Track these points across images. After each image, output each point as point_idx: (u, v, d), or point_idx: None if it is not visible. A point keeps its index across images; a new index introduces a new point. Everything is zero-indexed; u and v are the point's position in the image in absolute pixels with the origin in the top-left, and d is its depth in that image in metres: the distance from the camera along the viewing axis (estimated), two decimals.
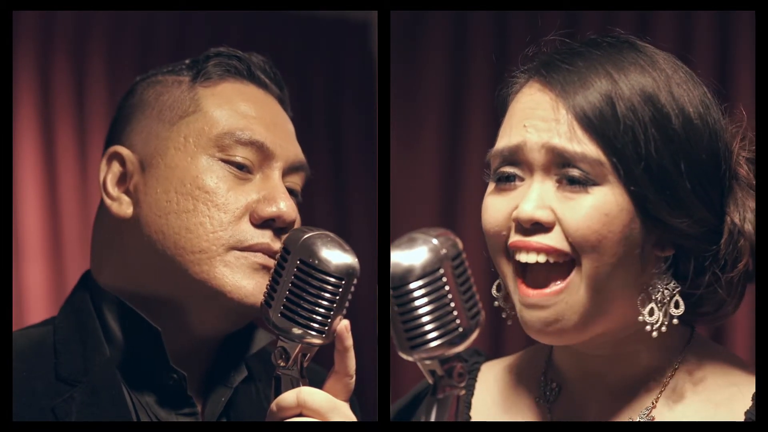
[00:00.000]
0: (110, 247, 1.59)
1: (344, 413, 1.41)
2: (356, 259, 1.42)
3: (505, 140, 1.47)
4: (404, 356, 1.29)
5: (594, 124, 1.41)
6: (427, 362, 1.29)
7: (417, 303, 1.27)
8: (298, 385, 1.42)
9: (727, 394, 1.47)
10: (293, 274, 1.40)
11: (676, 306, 1.45)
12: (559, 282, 1.43)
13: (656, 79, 1.43)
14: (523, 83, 1.49)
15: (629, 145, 1.40)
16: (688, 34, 3.08)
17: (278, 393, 1.42)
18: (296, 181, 1.61)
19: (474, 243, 1.47)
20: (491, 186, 1.48)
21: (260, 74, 1.62)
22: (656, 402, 1.48)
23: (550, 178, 1.43)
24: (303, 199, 1.62)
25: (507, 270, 1.47)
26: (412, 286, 1.26)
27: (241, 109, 1.57)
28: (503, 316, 1.52)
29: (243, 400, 1.59)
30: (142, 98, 1.60)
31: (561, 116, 1.42)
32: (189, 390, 1.55)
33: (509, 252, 1.45)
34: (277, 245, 1.52)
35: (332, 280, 1.40)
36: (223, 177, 1.53)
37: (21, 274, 3.28)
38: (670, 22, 3.09)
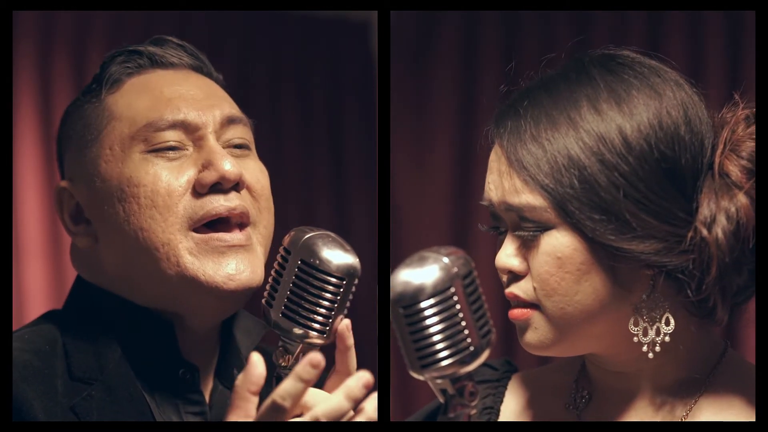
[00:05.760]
0: (90, 269, 1.59)
1: None
2: (357, 259, 1.42)
3: (483, 195, 1.49)
4: (415, 375, 1.29)
5: (530, 172, 1.41)
6: (438, 381, 1.29)
7: (428, 322, 1.26)
8: None
9: None
10: (294, 274, 1.40)
11: (667, 323, 1.44)
12: (526, 310, 1.45)
13: (600, 109, 1.41)
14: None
15: (562, 183, 1.40)
16: (697, 36, 3.09)
17: None
18: (239, 134, 1.58)
19: (485, 261, 1.48)
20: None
21: (164, 57, 1.60)
22: (686, 416, 1.47)
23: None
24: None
25: None
26: (423, 305, 1.26)
27: (151, 98, 1.55)
28: None
29: None
30: (68, 128, 1.61)
31: (505, 169, 1.44)
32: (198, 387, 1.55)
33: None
34: (232, 203, 1.52)
35: (333, 280, 1.40)
36: (156, 164, 1.52)
37: (21, 274, 3.28)
38: (676, 23, 3.10)
